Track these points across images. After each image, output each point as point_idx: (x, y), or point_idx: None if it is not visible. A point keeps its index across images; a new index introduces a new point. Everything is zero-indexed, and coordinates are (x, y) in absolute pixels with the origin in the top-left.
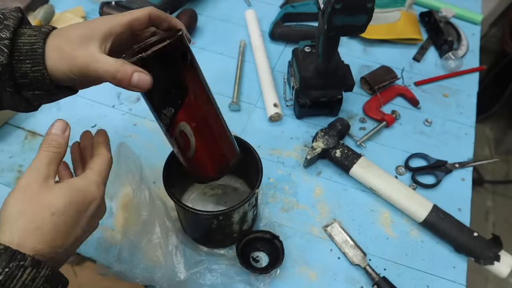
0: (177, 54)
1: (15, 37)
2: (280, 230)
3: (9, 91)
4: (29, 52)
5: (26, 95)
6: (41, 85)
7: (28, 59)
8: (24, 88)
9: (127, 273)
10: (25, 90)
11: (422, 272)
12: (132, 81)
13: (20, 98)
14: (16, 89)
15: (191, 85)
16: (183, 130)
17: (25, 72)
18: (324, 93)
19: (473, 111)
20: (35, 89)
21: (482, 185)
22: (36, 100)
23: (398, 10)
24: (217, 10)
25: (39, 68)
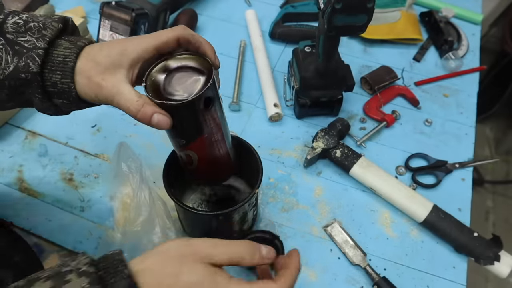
0: (200, 104)
1: (51, 48)
2: (280, 230)
3: (38, 97)
4: (61, 64)
5: (56, 102)
6: (67, 96)
7: (59, 70)
8: (54, 96)
9: None
10: (55, 98)
11: (422, 272)
12: (152, 122)
13: (50, 104)
14: (46, 96)
15: (208, 128)
16: (189, 154)
17: (55, 82)
18: (324, 93)
19: (473, 111)
20: (64, 99)
21: (482, 185)
22: (65, 108)
23: (398, 10)
24: (217, 10)
25: (67, 80)
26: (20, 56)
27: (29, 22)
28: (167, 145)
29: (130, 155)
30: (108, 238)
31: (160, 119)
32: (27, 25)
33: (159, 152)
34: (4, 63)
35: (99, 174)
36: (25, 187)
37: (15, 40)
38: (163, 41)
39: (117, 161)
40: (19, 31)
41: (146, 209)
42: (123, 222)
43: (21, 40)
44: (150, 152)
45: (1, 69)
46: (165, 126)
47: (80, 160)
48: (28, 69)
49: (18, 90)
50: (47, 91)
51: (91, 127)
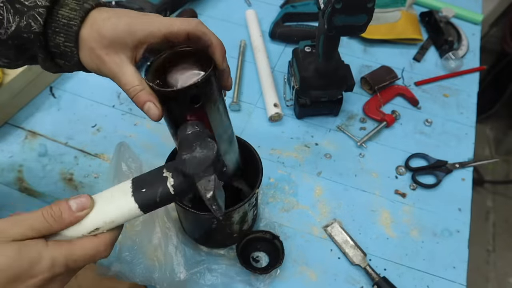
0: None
1: (56, 7)
2: (280, 230)
3: (41, 56)
4: (65, 27)
5: (59, 62)
6: (69, 59)
7: (62, 33)
8: (57, 56)
9: (127, 273)
10: (58, 59)
11: (422, 272)
12: (143, 109)
13: (52, 64)
14: (49, 56)
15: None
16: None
17: (58, 43)
18: (324, 93)
19: (473, 111)
20: (66, 61)
21: (482, 185)
22: (67, 69)
23: (398, 10)
24: (217, 10)
25: (70, 45)
26: (21, 15)
27: None
28: (167, 145)
29: (130, 155)
30: None
31: (151, 108)
32: None
33: (159, 152)
34: (6, 22)
35: (99, 174)
36: (25, 187)
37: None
38: (173, 31)
39: (117, 161)
40: None
41: None
42: None
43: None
44: (150, 152)
45: (4, 28)
46: (153, 117)
47: (80, 160)
48: (30, 29)
49: (22, 48)
50: (51, 51)
51: (91, 127)
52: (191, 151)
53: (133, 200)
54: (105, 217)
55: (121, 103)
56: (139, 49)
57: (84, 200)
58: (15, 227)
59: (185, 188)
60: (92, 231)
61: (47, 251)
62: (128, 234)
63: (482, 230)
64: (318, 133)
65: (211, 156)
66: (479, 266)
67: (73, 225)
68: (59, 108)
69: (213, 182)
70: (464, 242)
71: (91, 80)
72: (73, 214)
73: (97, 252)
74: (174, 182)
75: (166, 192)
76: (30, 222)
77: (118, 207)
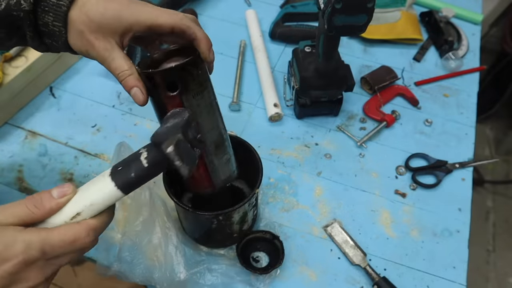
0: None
1: None
2: (280, 230)
3: (29, 35)
4: (54, 6)
5: (46, 42)
6: (57, 39)
7: (51, 12)
8: (45, 35)
9: (127, 273)
10: (46, 38)
11: (422, 272)
12: (130, 93)
13: (40, 43)
14: (37, 35)
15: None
16: None
17: (46, 22)
18: (324, 93)
19: (473, 111)
20: (53, 41)
21: (482, 185)
22: (54, 49)
23: (398, 10)
24: (217, 10)
25: (59, 24)
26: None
27: None
28: None
29: None
30: (108, 238)
31: (137, 92)
32: None
33: None
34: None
35: (99, 172)
36: (25, 187)
37: None
38: (158, 24)
39: (117, 161)
40: None
41: (146, 209)
42: (123, 222)
43: None
44: None
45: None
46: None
47: (80, 160)
48: (19, 7)
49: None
50: (39, 30)
51: (91, 127)
52: (164, 124)
53: (109, 179)
54: (84, 201)
55: (121, 103)
56: (125, 36)
57: (66, 187)
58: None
59: (159, 158)
60: (74, 217)
61: (22, 235)
62: (128, 234)
63: (482, 230)
64: (318, 133)
65: (179, 121)
66: (479, 266)
67: (55, 212)
68: (59, 108)
69: (176, 139)
70: (464, 242)
71: (91, 80)
72: (54, 201)
73: (77, 239)
74: (148, 155)
75: (140, 166)
76: (12, 210)
77: (96, 189)
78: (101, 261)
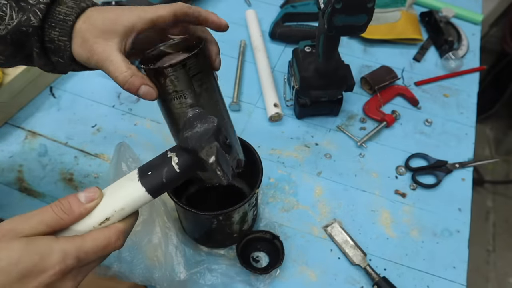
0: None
1: (55, 4)
2: (280, 230)
3: (36, 51)
4: (61, 22)
5: (53, 59)
6: (62, 54)
7: (58, 28)
8: (50, 52)
9: (127, 273)
10: (52, 55)
11: (422, 272)
12: (139, 92)
13: (46, 61)
14: (43, 52)
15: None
16: None
17: (53, 38)
18: (324, 93)
19: (473, 111)
20: (59, 57)
21: (482, 185)
22: (61, 67)
23: (398, 10)
24: (217, 10)
25: (64, 39)
26: (24, 12)
27: None
28: (167, 145)
29: (130, 155)
30: None
31: (147, 90)
32: None
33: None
34: (8, 19)
35: (99, 174)
36: (25, 187)
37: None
38: (159, 14)
39: (117, 161)
40: None
41: (146, 209)
42: None
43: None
44: (150, 152)
45: (5, 24)
46: (151, 97)
47: (80, 160)
48: (29, 22)
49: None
50: (45, 47)
51: (91, 127)
52: (192, 128)
53: (139, 184)
54: (114, 205)
55: (121, 103)
56: (128, 37)
57: (92, 192)
58: (24, 223)
59: (190, 163)
60: (103, 222)
61: (58, 244)
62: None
63: (482, 230)
64: (318, 133)
65: (211, 128)
66: (479, 266)
67: (83, 217)
68: (59, 108)
69: (215, 148)
70: (464, 242)
71: (91, 80)
72: (82, 206)
73: (109, 243)
74: (179, 160)
75: (172, 171)
76: (40, 217)
77: (126, 194)
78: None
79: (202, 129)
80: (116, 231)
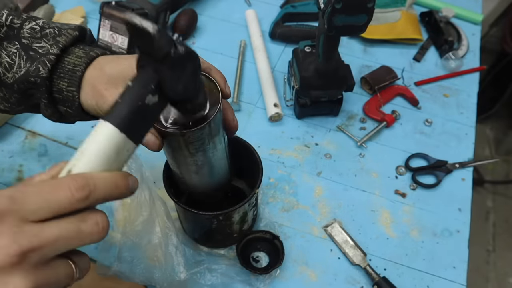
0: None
1: (64, 55)
2: (280, 230)
3: (44, 102)
4: (70, 72)
5: (60, 109)
6: (71, 104)
7: (66, 78)
8: (59, 102)
9: (127, 273)
10: (60, 105)
11: (422, 272)
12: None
13: (54, 111)
14: (51, 102)
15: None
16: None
17: (61, 88)
18: (324, 93)
19: (473, 111)
20: (67, 107)
21: (482, 185)
22: (69, 116)
23: (398, 10)
24: (217, 10)
25: (72, 89)
26: (32, 61)
27: (45, 28)
28: None
29: None
30: (108, 238)
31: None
32: (43, 31)
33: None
34: (16, 67)
35: None
36: None
37: (30, 46)
38: None
39: None
40: (35, 36)
41: (146, 209)
42: (123, 222)
43: (36, 46)
44: (150, 152)
45: (13, 72)
46: (154, 149)
47: None
48: (38, 73)
49: (27, 93)
50: (53, 97)
51: (91, 127)
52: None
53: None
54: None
55: None
56: None
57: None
58: None
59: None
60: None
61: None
62: (128, 234)
63: (482, 230)
64: (318, 133)
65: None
66: (479, 266)
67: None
68: None
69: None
70: (464, 242)
71: None
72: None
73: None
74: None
75: (131, 91)
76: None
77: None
78: (101, 261)
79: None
80: (75, 176)
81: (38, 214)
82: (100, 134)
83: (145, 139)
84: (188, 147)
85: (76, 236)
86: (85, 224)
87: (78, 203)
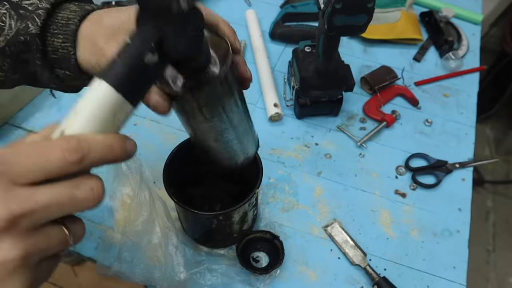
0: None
1: (56, 10)
2: (280, 230)
3: (38, 64)
4: (63, 27)
5: (58, 72)
6: (67, 64)
7: (61, 34)
8: (55, 63)
9: (127, 273)
10: (57, 67)
11: (422, 272)
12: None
13: (51, 75)
14: (47, 64)
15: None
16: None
17: (56, 47)
18: (324, 93)
19: (473, 111)
20: (64, 68)
21: (482, 185)
22: (70, 80)
23: (398, 10)
24: (217, 10)
25: (67, 45)
26: (22, 20)
27: None
28: (167, 145)
29: None
30: (108, 238)
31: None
32: None
33: (159, 152)
34: (7, 29)
35: (99, 174)
36: None
37: (20, 4)
38: None
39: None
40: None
41: (146, 209)
42: (123, 222)
43: (25, 3)
44: (150, 152)
45: (4, 35)
46: (162, 112)
47: None
48: (27, 30)
49: (20, 57)
50: (49, 58)
51: None
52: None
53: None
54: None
55: None
56: None
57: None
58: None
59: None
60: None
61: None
62: (128, 234)
63: (482, 230)
64: (318, 133)
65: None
66: (479, 266)
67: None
68: (59, 108)
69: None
70: (464, 242)
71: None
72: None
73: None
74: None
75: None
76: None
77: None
78: (101, 261)
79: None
80: (68, 137)
81: (28, 176)
82: (95, 93)
83: (152, 102)
84: (201, 111)
85: (69, 202)
86: (79, 190)
87: (71, 166)
